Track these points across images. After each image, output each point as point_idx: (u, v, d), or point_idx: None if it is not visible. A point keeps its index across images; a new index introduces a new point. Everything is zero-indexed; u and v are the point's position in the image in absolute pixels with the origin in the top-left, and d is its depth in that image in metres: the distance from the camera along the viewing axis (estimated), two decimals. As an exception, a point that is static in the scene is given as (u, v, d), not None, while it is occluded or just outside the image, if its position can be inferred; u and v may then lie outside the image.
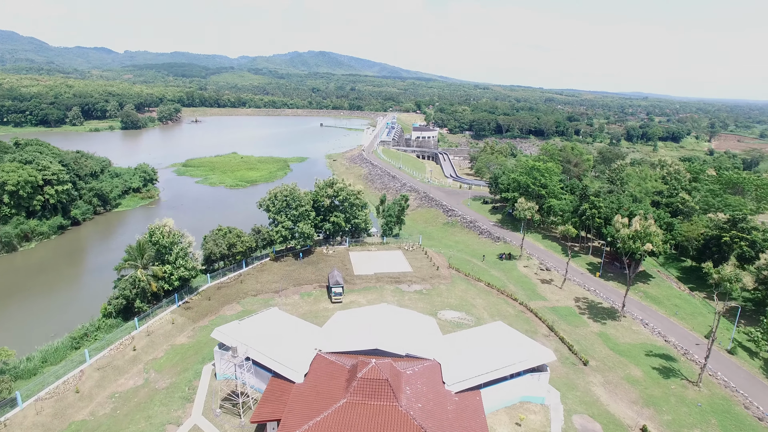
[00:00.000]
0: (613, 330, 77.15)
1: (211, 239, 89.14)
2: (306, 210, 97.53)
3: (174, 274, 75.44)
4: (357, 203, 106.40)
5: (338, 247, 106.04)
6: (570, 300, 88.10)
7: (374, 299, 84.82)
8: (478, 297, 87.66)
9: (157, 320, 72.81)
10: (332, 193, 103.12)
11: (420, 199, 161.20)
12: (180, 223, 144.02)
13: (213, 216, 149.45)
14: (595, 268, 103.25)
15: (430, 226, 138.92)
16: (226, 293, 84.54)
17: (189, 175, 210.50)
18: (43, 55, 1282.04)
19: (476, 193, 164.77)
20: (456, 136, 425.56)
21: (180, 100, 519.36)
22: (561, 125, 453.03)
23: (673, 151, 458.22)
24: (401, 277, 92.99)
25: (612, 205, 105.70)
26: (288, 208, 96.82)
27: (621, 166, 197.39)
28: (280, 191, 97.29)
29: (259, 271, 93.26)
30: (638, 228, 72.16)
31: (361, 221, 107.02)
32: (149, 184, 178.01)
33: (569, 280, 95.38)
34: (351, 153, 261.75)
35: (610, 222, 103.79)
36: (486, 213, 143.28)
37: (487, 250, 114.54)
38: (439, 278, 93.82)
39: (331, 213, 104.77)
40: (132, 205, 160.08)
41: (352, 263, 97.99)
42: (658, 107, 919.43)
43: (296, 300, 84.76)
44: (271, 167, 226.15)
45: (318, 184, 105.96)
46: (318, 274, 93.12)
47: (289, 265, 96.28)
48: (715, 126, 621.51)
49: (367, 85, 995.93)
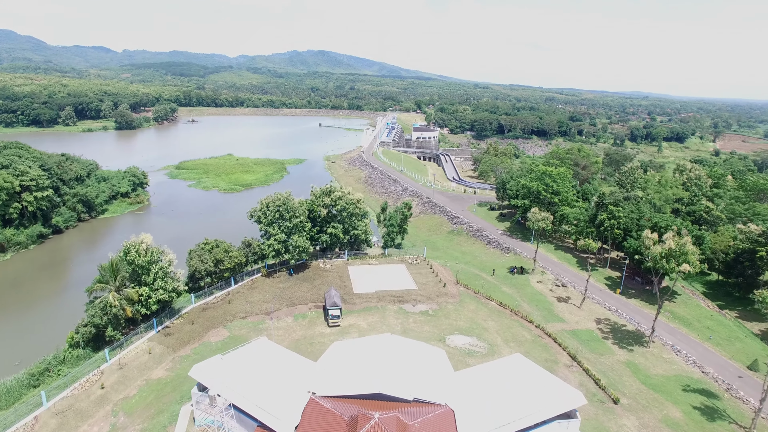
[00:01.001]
0: (642, 358, 69.14)
1: (197, 255, 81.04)
2: (301, 221, 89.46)
3: (152, 297, 67.31)
4: (357, 213, 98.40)
5: (336, 261, 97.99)
6: (591, 321, 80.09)
7: (376, 322, 76.82)
8: (489, 319, 79.64)
9: (132, 350, 64.70)
10: (329, 203, 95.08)
11: (423, 204, 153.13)
12: (168, 232, 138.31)
13: (204, 223, 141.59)
14: (614, 284, 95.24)
15: (434, 235, 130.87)
16: (211, 316, 76.43)
17: (182, 178, 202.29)
18: (41, 54, 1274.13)
19: (482, 198, 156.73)
20: (457, 137, 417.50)
21: (177, 100, 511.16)
22: (564, 125, 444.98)
23: (678, 151, 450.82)
24: (405, 296, 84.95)
25: (632, 215, 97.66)
26: (281, 220, 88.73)
27: (632, 169, 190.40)
28: (273, 201, 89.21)
29: (250, 289, 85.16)
30: (672, 246, 64.07)
31: (361, 232, 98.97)
32: (139, 189, 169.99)
33: (588, 297, 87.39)
34: (350, 155, 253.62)
35: (630, 233, 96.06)
36: (493, 220, 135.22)
37: (496, 262, 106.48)
38: (446, 296, 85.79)
39: (329, 224, 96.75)
40: (119, 211, 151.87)
41: (351, 279, 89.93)
42: (659, 107, 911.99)
43: (289, 323, 76.70)
44: (267, 170, 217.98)
45: (314, 193, 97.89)
46: (314, 292, 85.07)
47: (282, 282, 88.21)
48: (718, 126, 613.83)
49: (366, 84, 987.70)
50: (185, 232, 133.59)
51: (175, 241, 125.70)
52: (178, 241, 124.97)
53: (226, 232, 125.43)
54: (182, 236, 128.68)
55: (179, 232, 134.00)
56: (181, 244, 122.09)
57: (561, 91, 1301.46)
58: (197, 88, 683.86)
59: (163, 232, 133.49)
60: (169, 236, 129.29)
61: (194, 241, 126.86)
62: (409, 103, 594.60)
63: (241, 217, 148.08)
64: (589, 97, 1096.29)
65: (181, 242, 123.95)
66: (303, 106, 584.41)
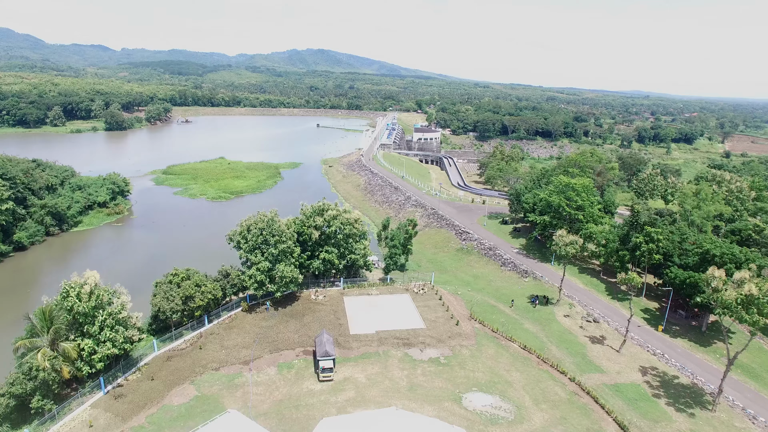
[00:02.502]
0: (710, 429, 55.76)
1: (162, 291, 67.63)
2: (288, 247, 76.03)
3: (97, 352, 53.90)
4: (354, 233, 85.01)
5: (330, 290, 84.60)
6: (634, 371, 66.73)
7: (376, 374, 63.42)
8: (513, 368, 66.26)
9: (67, 423, 51.32)
10: (322, 223, 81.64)
11: (428, 216, 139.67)
12: (145, 248, 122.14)
13: (186, 238, 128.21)
14: (653, 317, 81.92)
15: (441, 252, 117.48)
16: (177, 367, 62.98)
17: (168, 184, 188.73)
18: (39, 53, 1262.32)
19: (492, 209, 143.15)
20: (459, 138, 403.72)
21: (172, 99, 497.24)
22: (569, 126, 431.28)
23: (687, 153, 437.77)
24: (411, 337, 71.57)
25: (672, 237, 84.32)
26: (265, 245, 75.24)
27: (650, 176, 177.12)
28: (255, 222, 75.72)
29: (227, 329, 71.75)
30: (755, 292, 50.61)
31: (359, 257, 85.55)
32: (119, 197, 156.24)
33: (621, 334, 73.99)
34: (348, 158, 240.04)
35: (671, 258, 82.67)
36: (506, 236, 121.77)
37: (514, 289, 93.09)
38: (460, 337, 72.45)
39: (321, 247, 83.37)
40: (95, 223, 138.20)
41: (347, 315, 76.54)
42: (661, 106, 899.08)
43: (272, 375, 63.25)
44: (260, 175, 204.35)
45: (304, 211, 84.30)
46: (303, 333, 71.69)
47: (265, 319, 74.83)
48: (725, 126, 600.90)
49: (366, 83, 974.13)
50: (164, 248, 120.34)
51: (152, 260, 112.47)
52: (155, 261, 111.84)
53: (210, 249, 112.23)
54: (160, 255, 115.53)
55: (158, 248, 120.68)
56: (157, 265, 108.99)
57: (562, 90, 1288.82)
58: (194, 87, 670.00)
59: (139, 248, 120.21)
60: (146, 254, 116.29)
61: (173, 259, 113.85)
62: (410, 103, 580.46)
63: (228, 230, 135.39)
64: (590, 97, 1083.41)
65: (157, 262, 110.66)
66: (301, 106, 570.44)
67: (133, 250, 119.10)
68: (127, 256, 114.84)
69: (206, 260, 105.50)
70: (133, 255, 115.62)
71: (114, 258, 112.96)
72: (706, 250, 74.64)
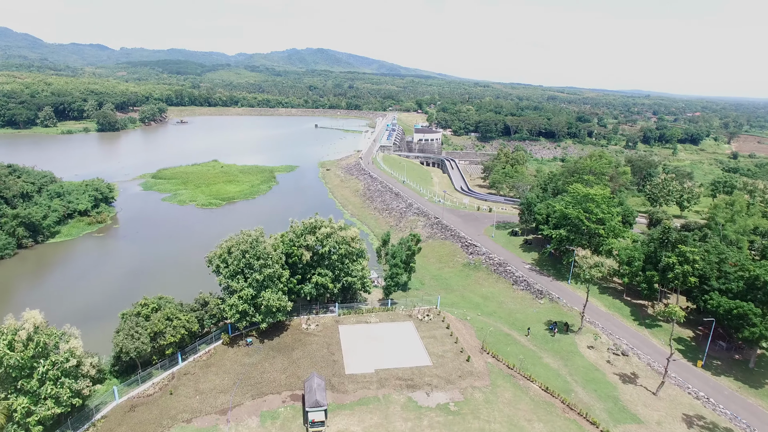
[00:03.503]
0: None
1: (127, 326, 58.09)
2: (275, 272, 66.54)
3: (35, 413, 44.41)
4: (351, 252, 75.55)
5: (324, 317, 75.12)
6: (677, 421, 57.27)
7: (375, 427, 53.97)
8: (534, 417, 56.80)
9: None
10: (314, 243, 72.11)
11: (431, 226, 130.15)
12: (125, 262, 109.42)
13: (171, 250, 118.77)
14: (689, 349, 72.50)
15: (447, 267, 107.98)
16: (141, 419, 53.51)
17: (157, 189, 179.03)
18: (37, 52, 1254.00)
19: (500, 218, 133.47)
20: (461, 138, 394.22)
21: (168, 99, 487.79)
22: (572, 127, 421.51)
23: (694, 154, 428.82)
24: (416, 377, 62.11)
25: (709, 257, 74.88)
26: (248, 269, 65.74)
27: (665, 181, 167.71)
28: (237, 244, 66.17)
29: (204, 368, 62.30)
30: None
31: (357, 279, 76.03)
32: (102, 205, 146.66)
33: (658, 372, 64.63)
34: (347, 161, 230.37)
35: (708, 281, 73.24)
36: (517, 249, 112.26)
37: (528, 313, 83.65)
38: (472, 377, 62.97)
39: (314, 269, 73.91)
40: (74, 234, 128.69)
41: (342, 349, 67.06)
42: (662, 106, 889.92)
43: (254, 429, 53.75)
44: (254, 179, 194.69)
45: (294, 229, 74.72)
46: (291, 372, 62.20)
47: (248, 355, 65.35)
48: (729, 126, 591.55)
49: (365, 82, 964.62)
50: (146, 262, 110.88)
51: (130, 278, 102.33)
52: (133, 279, 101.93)
53: (195, 264, 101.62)
54: (140, 270, 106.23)
55: (139, 262, 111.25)
56: (135, 283, 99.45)
57: (562, 90, 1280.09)
58: (192, 86, 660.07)
59: (118, 263, 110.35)
60: (124, 270, 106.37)
61: (153, 276, 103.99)
62: (410, 103, 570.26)
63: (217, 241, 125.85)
64: (591, 96, 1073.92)
65: (136, 280, 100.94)
66: (300, 106, 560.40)
67: (111, 266, 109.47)
68: (102, 272, 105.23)
69: (190, 278, 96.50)
70: (110, 271, 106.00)
71: (88, 275, 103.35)
72: (755, 275, 65.02)
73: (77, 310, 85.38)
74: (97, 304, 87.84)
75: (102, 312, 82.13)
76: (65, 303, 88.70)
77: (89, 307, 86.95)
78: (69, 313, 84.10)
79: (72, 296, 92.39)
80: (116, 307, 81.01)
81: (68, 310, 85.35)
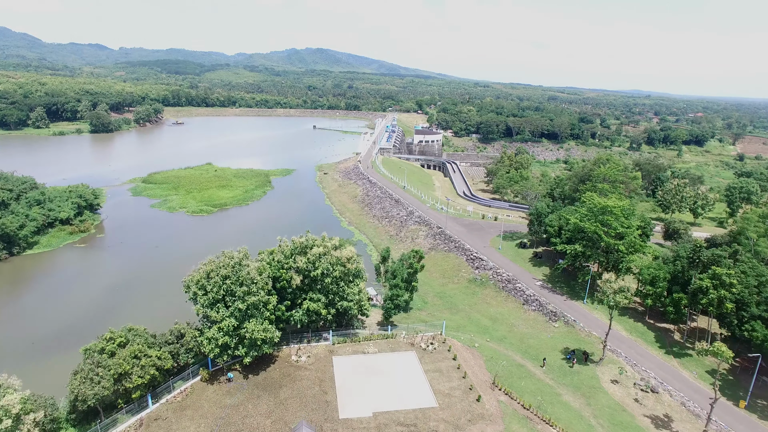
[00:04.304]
0: None
1: (87, 367, 50.32)
2: (260, 300, 58.83)
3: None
4: (347, 274, 67.79)
5: (316, 347, 67.37)
6: (721, 477, 49.64)
7: (373, 489, 46.27)
8: (558, 473, 49.13)
9: None
10: (305, 265, 64.33)
11: (433, 236, 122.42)
12: (104, 277, 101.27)
13: (155, 264, 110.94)
14: (727, 384, 64.73)
15: (451, 284, 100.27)
16: (99, 479, 45.87)
17: (147, 194, 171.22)
18: (36, 52, 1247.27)
19: (507, 227, 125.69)
20: (462, 140, 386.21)
21: (164, 100, 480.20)
22: (575, 128, 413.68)
23: (699, 156, 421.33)
24: (420, 422, 54.38)
25: (747, 280, 67.18)
26: (230, 296, 58.06)
27: (678, 187, 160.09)
28: (217, 268, 58.40)
29: (178, 411, 54.58)
30: None
31: (353, 304, 68.27)
32: (86, 212, 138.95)
33: (699, 416, 56.96)
34: (345, 164, 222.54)
35: (747, 307, 65.58)
36: (526, 263, 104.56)
37: (542, 338, 76.01)
38: (483, 421, 55.27)
39: (305, 293, 66.19)
40: (54, 245, 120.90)
41: (336, 387, 59.33)
42: (664, 106, 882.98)
43: (230, 490, 46.08)
44: (248, 184, 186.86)
45: (283, 250, 66.83)
46: (277, 416, 54.46)
47: (229, 394, 57.58)
48: (732, 127, 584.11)
49: (365, 82, 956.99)
50: (127, 277, 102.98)
51: (107, 296, 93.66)
52: (112, 296, 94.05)
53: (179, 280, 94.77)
54: (120, 286, 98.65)
55: (119, 276, 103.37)
56: (114, 302, 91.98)
57: (563, 90, 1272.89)
58: (190, 86, 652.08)
59: (97, 278, 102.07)
60: (103, 286, 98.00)
61: (135, 293, 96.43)
62: (410, 103, 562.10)
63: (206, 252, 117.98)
64: (591, 96, 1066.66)
65: (114, 299, 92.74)
66: (298, 106, 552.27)
67: (89, 281, 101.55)
68: (79, 289, 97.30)
69: (172, 296, 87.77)
70: (88, 288, 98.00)
71: (62, 292, 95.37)
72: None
73: (44, 335, 77.78)
74: (66, 329, 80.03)
75: (70, 339, 74.30)
76: (30, 327, 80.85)
77: (58, 332, 79.14)
78: (33, 339, 76.65)
79: (40, 319, 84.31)
80: (89, 332, 73.66)
81: (33, 335, 77.86)
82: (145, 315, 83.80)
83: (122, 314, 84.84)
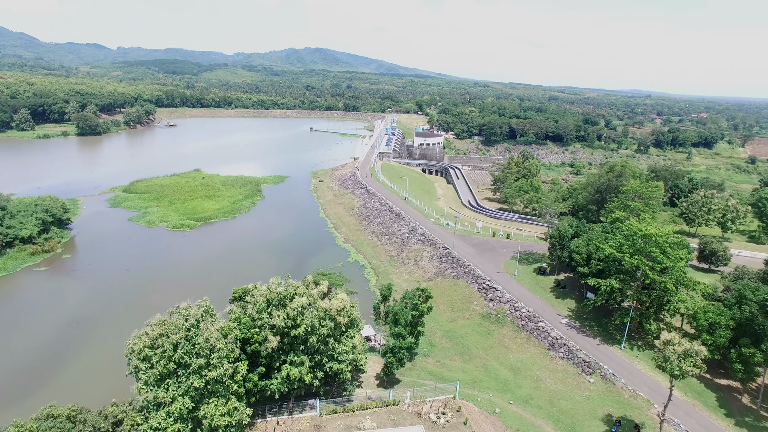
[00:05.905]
0: None
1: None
2: (224, 373, 44.97)
3: None
4: (338, 328, 53.99)
5: (300, 419, 53.50)
6: None
7: None
8: None
9: None
10: (284, 322, 50.44)
11: (439, 259, 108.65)
12: (61, 311, 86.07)
13: (123, 292, 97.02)
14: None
15: (461, 319, 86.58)
16: None
17: (125, 206, 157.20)
18: (33, 51, 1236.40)
19: (521, 247, 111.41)
20: (463, 142, 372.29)
21: (158, 100, 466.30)
22: (581, 129, 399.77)
23: (709, 158, 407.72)
24: None
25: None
26: (183, 369, 44.25)
27: (705, 198, 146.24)
28: (165, 332, 44.45)
29: None
30: None
31: (345, 365, 54.42)
32: (54, 229, 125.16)
33: None
34: (342, 171, 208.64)
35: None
36: (547, 294, 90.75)
37: (576, 399, 62.28)
38: None
39: (285, 355, 52.33)
40: (10, 268, 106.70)
41: (322, 487, 45.59)
42: (665, 106, 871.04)
43: None
44: (237, 194, 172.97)
45: (257, 303, 52.54)
46: None
47: (182, 500, 43.79)
48: (738, 128, 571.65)
49: (363, 82, 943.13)
50: (87, 310, 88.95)
51: (61, 334, 78.57)
52: (64, 336, 78.71)
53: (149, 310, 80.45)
54: (79, 319, 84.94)
55: (78, 310, 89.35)
56: (67, 343, 76.92)
57: (563, 90, 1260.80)
58: (186, 86, 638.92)
59: (51, 312, 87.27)
60: (59, 320, 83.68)
61: (94, 330, 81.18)
62: (410, 104, 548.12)
63: (181, 278, 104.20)
64: (592, 96, 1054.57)
65: (68, 338, 77.90)
66: (296, 107, 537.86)
67: (39, 316, 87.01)
68: (24, 327, 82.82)
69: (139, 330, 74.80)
70: (34, 325, 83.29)
71: (5, 332, 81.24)
72: None
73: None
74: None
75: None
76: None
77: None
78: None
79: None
80: (18, 394, 60.06)
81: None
82: (94, 368, 70.47)
83: (67, 365, 71.55)
